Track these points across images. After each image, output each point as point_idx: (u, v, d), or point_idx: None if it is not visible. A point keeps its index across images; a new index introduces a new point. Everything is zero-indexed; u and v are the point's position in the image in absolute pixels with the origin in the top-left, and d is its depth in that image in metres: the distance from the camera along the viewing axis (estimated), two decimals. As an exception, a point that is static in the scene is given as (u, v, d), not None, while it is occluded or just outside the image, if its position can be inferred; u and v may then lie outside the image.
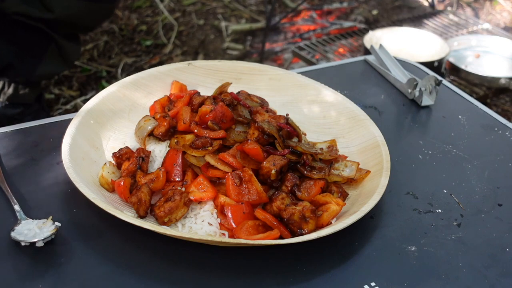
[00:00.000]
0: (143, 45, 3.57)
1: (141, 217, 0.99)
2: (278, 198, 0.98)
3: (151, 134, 1.11)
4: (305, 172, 1.05)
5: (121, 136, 1.16)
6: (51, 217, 0.96)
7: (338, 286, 0.92)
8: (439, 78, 1.39)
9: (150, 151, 1.09)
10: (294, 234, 0.96)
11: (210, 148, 1.04)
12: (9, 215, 0.99)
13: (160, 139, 1.10)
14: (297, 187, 1.02)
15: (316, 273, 0.93)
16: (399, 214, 1.07)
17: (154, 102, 1.19)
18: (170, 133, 1.10)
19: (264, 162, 1.01)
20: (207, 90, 1.26)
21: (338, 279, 0.93)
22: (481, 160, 1.22)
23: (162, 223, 0.97)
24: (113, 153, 1.08)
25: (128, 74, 3.07)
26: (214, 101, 1.11)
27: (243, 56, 3.49)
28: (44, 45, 1.85)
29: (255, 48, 3.56)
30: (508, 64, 2.73)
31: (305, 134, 1.19)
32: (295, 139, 1.09)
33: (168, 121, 1.10)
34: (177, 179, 1.04)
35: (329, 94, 1.28)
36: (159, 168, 1.04)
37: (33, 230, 0.94)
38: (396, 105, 1.40)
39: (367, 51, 2.43)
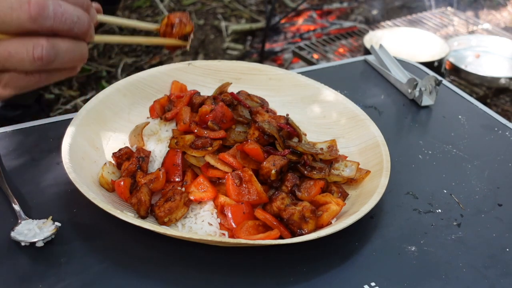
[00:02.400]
0: (143, 45, 3.57)
1: (142, 217, 0.99)
2: (278, 198, 0.98)
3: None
4: (305, 172, 1.05)
5: (121, 136, 1.16)
6: (51, 217, 0.96)
7: (338, 286, 0.92)
8: (439, 78, 1.39)
9: (150, 151, 1.09)
10: (294, 234, 0.96)
11: (210, 148, 1.04)
12: (9, 215, 0.99)
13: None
14: (297, 187, 1.02)
15: (316, 273, 0.93)
16: (399, 214, 1.07)
17: (154, 102, 1.19)
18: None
19: (264, 162, 1.01)
20: (207, 90, 1.26)
21: (338, 279, 0.93)
22: (481, 160, 1.22)
23: (162, 223, 0.97)
24: (113, 153, 1.08)
25: (128, 74, 3.07)
26: (214, 101, 1.11)
27: (243, 56, 3.49)
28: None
29: (255, 48, 3.56)
30: (508, 64, 2.73)
31: (305, 134, 1.19)
32: (295, 139, 1.09)
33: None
34: (177, 179, 1.04)
35: (329, 94, 1.28)
36: (159, 168, 1.04)
37: (33, 230, 0.94)
38: (396, 105, 1.40)
39: (367, 51, 2.44)
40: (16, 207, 0.99)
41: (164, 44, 1.00)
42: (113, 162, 1.08)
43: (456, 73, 2.63)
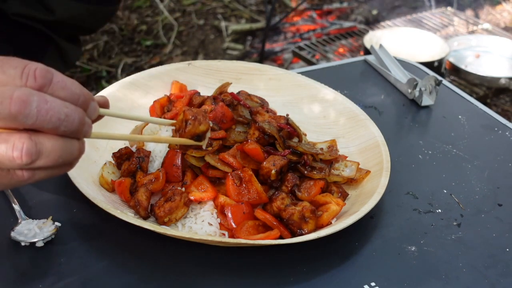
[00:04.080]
0: (143, 45, 3.58)
1: (143, 218, 0.99)
2: (278, 198, 0.98)
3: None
4: (305, 172, 1.05)
5: (121, 136, 1.16)
6: (51, 217, 0.97)
7: (338, 286, 0.92)
8: (439, 78, 1.39)
9: (150, 151, 1.09)
10: (294, 234, 0.96)
11: (210, 148, 1.04)
12: (9, 215, 0.99)
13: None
14: (297, 187, 1.02)
15: (316, 273, 0.93)
16: (399, 214, 1.07)
17: (154, 102, 1.19)
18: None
19: (264, 162, 1.01)
20: (207, 90, 1.26)
21: (338, 279, 0.93)
22: (481, 160, 1.22)
23: (162, 223, 0.97)
24: (113, 153, 1.08)
25: (128, 74, 3.07)
26: (214, 101, 1.11)
27: (243, 56, 3.49)
28: (43, 46, 1.84)
29: (255, 48, 3.56)
30: (508, 64, 2.73)
31: (305, 134, 1.19)
32: (295, 139, 1.09)
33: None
34: (177, 179, 1.03)
35: (329, 94, 1.28)
36: (158, 169, 1.04)
37: (33, 230, 0.94)
38: (396, 105, 1.40)
39: (367, 51, 2.43)
40: (16, 207, 0.99)
41: (175, 143, 0.93)
42: (113, 162, 1.08)
43: (456, 73, 2.62)
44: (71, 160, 0.71)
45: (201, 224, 0.98)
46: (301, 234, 0.95)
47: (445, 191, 1.13)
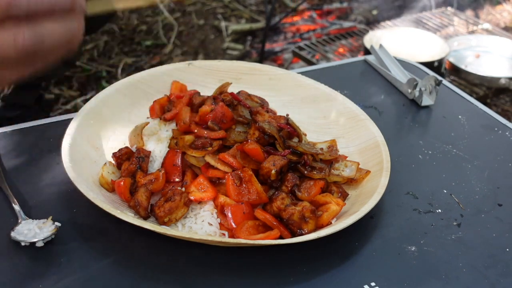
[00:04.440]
0: (143, 45, 3.58)
1: (143, 218, 0.99)
2: (278, 198, 0.98)
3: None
4: (305, 172, 1.05)
5: (121, 136, 1.16)
6: (51, 217, 0.96)
7: (338, 286, 0.92)
8: (439, 78, 1.39)
9: (150, 151, 1.09)
10: (294, 234, 0.96)
11: (210, 148, 1.04)
12: (9, 215, 0.99)
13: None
14: (297, 187, 1.02)
15: (316, 273, 0.93)
16: (399, 214, 1.07)
17: (154, 102, 1.19)
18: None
19: (264, 162, 1.01)
20: (207, 90, 1.26)
21: (338, 279, 0.93)
22: (481, 160, 1.22)
23: (162, 223, 0.97)
24: (113, 153, 1.08)
25: (128, 74, 3.07)
26: (214, 101, 1.11)
27: (243, 56, 3.49)
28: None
29: (255, 48, 3.56)
30: (508, 64, 2.73)
31: (305, 134, 1.19)
32: (295, 139, 1.09)
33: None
34: (177, 179, 1.04)
35: (329, 94, 1.28)
36: (158, 169, 1.04)
37: (33, 230, 0.94)
38: (396, 105, 1.40)
39: (367, 51, 2.43)
40: (16, 207, 0.99)
41: None
42: (113, 162, 1.08)
43: (456, 73, 2.63)
44: (72, 38, 0.72)
45: (201, 224, 0.98)
46: (301, 234, 0.95)
47: (445, 191, 1.13)
